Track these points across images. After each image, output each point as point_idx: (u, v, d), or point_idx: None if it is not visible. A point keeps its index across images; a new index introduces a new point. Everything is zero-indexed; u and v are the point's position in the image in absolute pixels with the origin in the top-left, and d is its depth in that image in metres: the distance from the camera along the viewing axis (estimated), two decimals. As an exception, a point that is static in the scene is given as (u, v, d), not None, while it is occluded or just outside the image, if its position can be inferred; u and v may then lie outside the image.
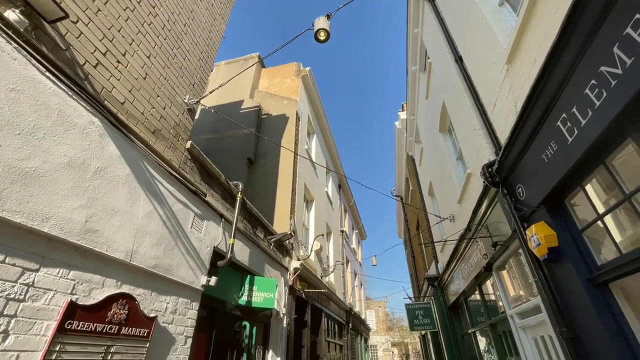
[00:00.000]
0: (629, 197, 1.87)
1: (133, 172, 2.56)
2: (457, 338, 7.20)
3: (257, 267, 4.73)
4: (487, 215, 3.99)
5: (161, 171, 2.91)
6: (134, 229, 2.49)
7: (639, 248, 1.86)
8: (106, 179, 2.31)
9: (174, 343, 2.81)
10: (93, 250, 2.13)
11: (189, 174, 3.36)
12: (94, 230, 2.16)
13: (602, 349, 2.14)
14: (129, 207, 2.48)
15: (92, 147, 2.23)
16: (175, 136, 3.23)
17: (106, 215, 2.27)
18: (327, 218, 10.62)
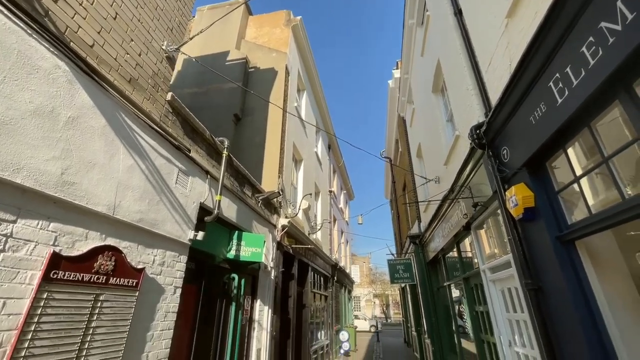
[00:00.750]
0: (606, 159, 1.91)
1: (109, 123, 2.43)
2: (433, 290, 7.79)
3: (244, 224, 4.81)
4: (470, 177, 4.07)
5: (140, 124, 2.78)
6: (114, 182, 2.43)
7: (607, 209, 1.95)
8: (80, 130, 2.19)
9: (163, 293, 2.92)
10: (72, 203, 2.08)
11: (171, 128, 3.22)
12: (72, 183, 2.09)
13: (559, 298, 2.35)
14: (108, 160, 2.40)
15: (61, 94, 2.07)
16: (154, 87, 3.03)
17: (83, 168, 2.19)
18: (316, 178, 10.68)
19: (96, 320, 2.19)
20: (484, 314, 4.43)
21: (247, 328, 4.88)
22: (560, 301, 2.35)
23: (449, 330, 6.92)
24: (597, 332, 2.09)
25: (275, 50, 8.08)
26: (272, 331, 5.49)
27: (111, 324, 2.29)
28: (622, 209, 1.75)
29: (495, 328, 3.89)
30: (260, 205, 5.51)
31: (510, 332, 3.62)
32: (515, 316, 3.46)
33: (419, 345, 9.97)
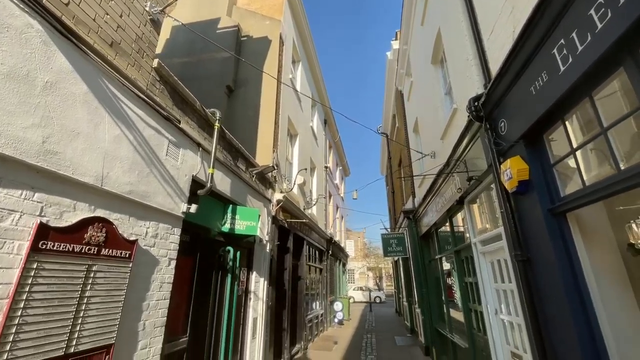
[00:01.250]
0: (605, 130, 1.87)
1: (92, 90, 2.31)
2: (424, 263, 8.01)
3: (239, 198, 4.79)
4: (466, 151, 4.04)
5: (126, 92, 2.65)
6: (101, 153, 2.35)
7: (602, 180, 1.94)
8: (60, 96, 2.07)
9: (158, 264, 2.94)
10: (57, 173, 2.02)
11: (159, 97, 3.09)
12: (55, 152, 2.01)
13: (547, 269, 2.40)
14: (93, 129, 2.30)
15: (36, 56, 1.94)
16: (139, 52, 2.86)
17: (66, 137, 2.10)
18: (312, 153, 10.59)
19: (90, 290, 2.20)
20: (473, 285, 4.58)
21: (243, 298, 5.01)
22: (547, 272, 2.40)
23: (438, 301, 7.20)
24: (581, 301, 2.15)
25: (268, 18, 7.68)
26: (267, 301, 5.65)
27: (106, 294, 2.31)
28: (617, 180, 1.74)
29: (483, 297, 4.03)
30: (255, 179, 5.47)
31: (497, 301, 3.75)
32: (502, 286, 3.57)
33: (410, 314, 10.43)
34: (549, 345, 2.42)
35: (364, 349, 8.23)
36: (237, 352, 4.70)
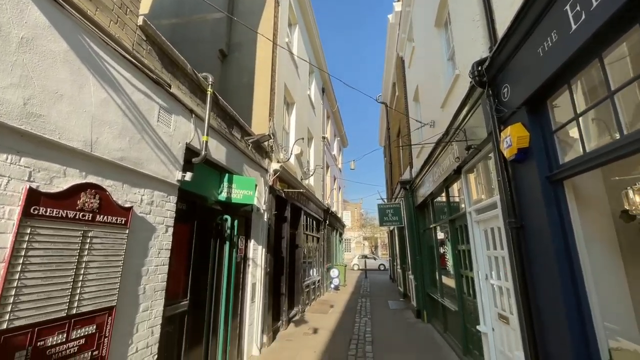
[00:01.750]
0: (612, 94, 1.80)
1: (72, 48, 2.16)
2: (419, 232, 8.19)
3: (235, 167, 4.74)
4: (466, 120, 3.96)
5: (110, 52, 2.49)
6: (88, 117, 2.26)
7: (604, 146, 1.90)
8: (38, 54, 1.94)
9: (155, 231, 2.95)
10: (42, 137, 1.94)
11: (147, 59, 2.92)
12: (38, 115, 1.92)
13: (540, 236, 2.44)
14: (77, 91, 2.19)
15: (7, 9, 1.78)
16: (121, 7, 2.65)
17: (49, 99, 2.00)
18: (309, 123, 10.39)
19: (87, 255, 2.21)
20: (466, 252, 4.71)
21: (242, 265, 5.14)
22: (539, 238, 2.44)
23: (431, 267, 7.46)
24: (570, 264, 2.21)
25: (262, -26, 7.13)
26: (266, 268, 5.82)
27: (104, 259, 2.33)
28: (620, 145, 1.70)
29: (474, 264, 4.16)
30: (251, 148, 5.38)
31: (488, 267, 3.87)
32: (494, 253, 3.67)
33: (403, 281, 10.86)
34: (535, 306, 2.52)
35: (358, 312, 8.65)
36: (237, 314, 4.91)
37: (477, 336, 4.26)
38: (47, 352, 1.93)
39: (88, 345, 2.19)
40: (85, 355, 2.17)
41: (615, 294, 2.25)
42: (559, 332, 2.22)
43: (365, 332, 6.63)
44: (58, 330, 2.00)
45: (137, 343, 2.66)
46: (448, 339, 5.78)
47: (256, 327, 5.34)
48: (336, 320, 7.72)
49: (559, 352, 2.23)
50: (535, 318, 2.50)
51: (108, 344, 2.33)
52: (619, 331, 2.15)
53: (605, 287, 2.19)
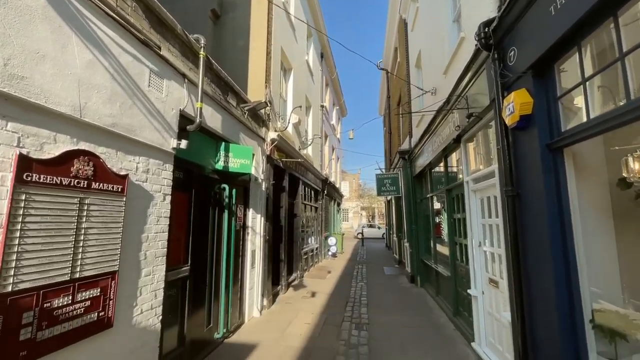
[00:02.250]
0: (623, 56, 1.72)
1: (51, 3, 2.01)
2: (416, 201, 8.30)
3: (231, 135, 4.66)
4: (469, 86, 3.84)
5: (92, 9, 2.32)
6: (74, 80, 2.16)
7: (606, 113, 1.86)
8: (15, 9, 1.80)
9: (152, 199, 2.95)
10: (28, 100, 1.86)
11: (133, 17, 2.74)
12: (21, 77, 1.83)
13: (535, 204, 2.46)
14: (60, 52, 2.06)
15: (-27, -44, 1.62)
16: (101, -42, 2.43)
17: (30, 59, 1.89)
18: (307, 91, 10.08)
19: (86, 222, 2.22)
20: (461, 221, 4.79)
21: (241, 233, 5.24)
22: (534, 206, 2.47)
23: (426, 235, 7.65)
24: (562, 233, 2.25)
25: None
26: (265, 236, 5.94)
27: (103, 226, 2.35)
28: (627, 110, 1.66)
29: (469, 232, 4.25)
30: (247, 116, 5.26)
31: (482, 235, 3.97)
32: (489, 221, 3.73)
33: (399, 248, 11.21)
34: (525, 271, 2.61)
35: (355, 277, 9.01)
36: (238, 279, 5.09)
37: (467, 299, 4.47)
38: (54, 313, 2.01)
39: (94, 306, 2.27)
40: (92, 315, 2.26)
41: (604, 260, 2.31)
42: (546, 294, 2.32)
43: (361, 296, 6.94)
44: (63, 293, 2.06)
45: (141, 305, 2.77)
46: (440, 302, 6.07)
47: (256, 291, 5.56)
48: (333, 285, 8.06)
49: (545, 313, 2.34)
50: (524, 281, 2.60)
51: (113, 306, 2.42)
52: (603, 295, 2.24)
53: (594, 253, 2.25)
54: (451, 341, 4.42)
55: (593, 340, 2.08)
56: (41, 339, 1.92)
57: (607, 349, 2.06)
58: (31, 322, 1.88)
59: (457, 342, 4.39)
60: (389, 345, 4.27)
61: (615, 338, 2.01)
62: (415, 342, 4.40)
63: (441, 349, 4.17)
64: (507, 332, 3.20)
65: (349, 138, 10.69)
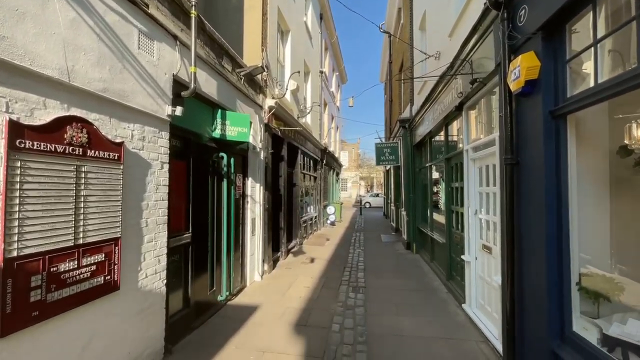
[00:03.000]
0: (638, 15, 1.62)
1: (25, -46, 1.84)
2: (415, 171, 8.32)
3: (228, 102, 4.53)
4: (474, 49, 3.67)
5: (71, -40, 2.14)
6: (58, 40, 2.04)
7: (615, 77, 1.79)
8: (-15, -39, 1.66)
9: (150, 167, 2.94)
10: (12, 62, 1.77)
11: (116, -29, 2.53)
12: (2, 37, 1.73)
13: (533, 171, 2.46)
14: (40, 9, 1.93)
15: None
16: None
17: (10, 17, 1.77)
18: (305, 55, 9.67)
19: (85, 189, 2.23)
20: (458, 189, 4.84)
21: (241, 201, 5.30)
22: (533, 174, 2.47)
23: (423, 204, 7.77)
24: (558, 201, 2.27)
25: None
26: (264, 204, 6.01)
27: (102, 194, 2.36)
28: (637, 73, 1.59)
29: (466, 200, 4.31)
30: (243, 82, 5.08)
31: (479, 203, 4.02)
32: (486, 189, 3.76)
33: (396, 217, 11.43)
34: (518, 236, 2.67)
35: (352, 244, 9.29)
36: (239, 246, 5.24)
37: (460, 264, 4.64)
38: (62, 277, 2.08)
39: (100, 271, 2.35)
40: (99, 279, 2.34)
41: (596, 228, 2.36)
42: (537, 258, 2.40)
43: (358, 262, 7.20)
44: (68, 258, 2.12)
45: (145, 270, 2.86)
46: (434, 267, 6.31)
47: (257, 257, 5.75)
48: (332, 251, 8.32)
49: (534, 275, 2.44)
50: (517, 246, 2.68)
51: (118, 270, 2.51)
52: (592, 260, 2.31)
53: (587, 221, 2.29)
54: (443, 303, 4.66)
55: (578, 301, 2.19)
56: (51, 300, 2.01)
57: (590, 309, 2.18)
58: (40, 285, 1.95)
59: (449, 303, 4.62)
60: (384, 307, 4.50)
61: (599, 299, 2.11)
62: (409, 303, 4.63)
63: (433, 309, 4.40)
64: (496, 295, 3.36)
65: (349, 106, 10.45)
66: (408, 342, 3.48)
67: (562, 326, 2.21)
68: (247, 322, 3.99)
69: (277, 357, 3.21)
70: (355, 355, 3.24)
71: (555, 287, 2.26)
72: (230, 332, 3.73)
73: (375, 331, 3.74)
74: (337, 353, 3.28)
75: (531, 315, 2.50)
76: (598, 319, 2.07)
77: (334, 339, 3.58)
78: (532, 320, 2.49)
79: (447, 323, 3.96)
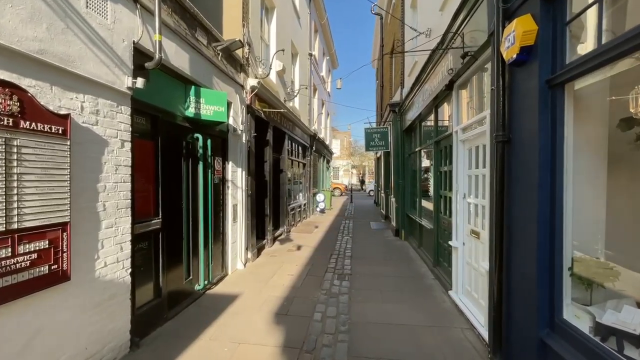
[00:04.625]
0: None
1: None
2: (404, 156, 8.12)
3: (203, 79, 4.19)
4: (466, 21, 3.42)
5: None
6: (-26, -12, 1.71)
7: (619, 36, 1.57)
8: None
9: (107, 145, 2.64)
10: None
11: None
12: None
13: (526, 149, 2.26)
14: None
15: None
16: None
17: None
18: (293, 35, 9.23)
19: (19, 167, 1.93)
20: (447, 173, 4.66)
21: (221, 187, 5.02)
22: (525, 151, 2.27)
23: (412, 190, 7.62)
24: (552, 181, 2.08)
25: None
26: (247, 190, 5.75)
27: (42, 172, 2.06)
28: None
29: (454, 184, 4.13)
30: (221, 58, 4.72)
31: (467, 186, 3.84)
32: (475, 172, 3.58)
33: (385, 204, 11.31)
34: (508, 220, 2.50)
35: (341, 232, 9.14)
36: (220, 233, 4.99)
37: (448, 250, 4.51)
38: (-7, 266, 1.81)
39: (43, 259, 2.08)
40: (43, 269, 2.07)
41: (591, 207, 2.19)
42: (527, 242, 2.22)
43: (346, 249, 7.05)
44: (0, 245, 1.85)
45: (104, 258, 2.60)
46: (421, 253, 6.21)
47: (240, 244, 5.52)
48: (319, 239, 8.16)
49: (523, 260, 2.27)
50: (506, 231, 2.50)
51: (68, 258, 2.24)
52: (586, 243, 2.14)
53: (583, 200, 2.11)
54: (429, 289, 4.54)
55: (569, 287, 2.03)
56: (-22, 292, 1.74)
57: (581, 295, 2.02)
58: (-39, 275, 1.68)
59: (435, 290, 4.51)
60: (369, 294, 4.36)
61: (592, 285, 1.95)
62: (395, 290, 4.50)
63: (419, 296, 4.28)
64: (483, 281, 3.22)
65: (337, 88, 10.09)
66: (391, 331, 3.33)
67: (552, 314, 2.06)
68: (224, 312, 3.80)
69: (253, 348, 3.02)
70: (336, 345, 3.08)
71: (545, 272, 2.09)
72: (206, 322, 3.53)
73: (358, 319, 3.59)
74: (317, 343, 3.11)
75: (519, 302, 2.34)
76: (591, 306, 1.92)
77: (315, 328, 3.42)
78: (520, 307, 2.34)
79: (433, 310, 3.83)
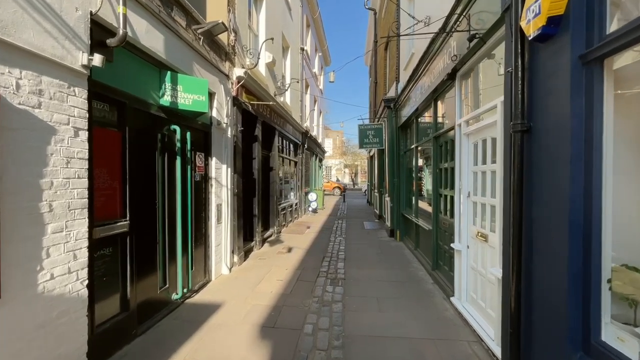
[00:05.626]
0: None
1: None
2: (399, 154, 7.80)
3: (180, 64, 3.76)
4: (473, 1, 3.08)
5: None
6: None
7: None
8: None
9: (55, 133, 2.20)
10: None
11: None
12: None
13: (552, 139, 1.91)
14: None
15: None
16: None
17: None
18: (284, 27, 8.81)
19: None
20: (448, 170, 4.33)
21: (203, 185, 4.59)
22: (552, 141, 1.93)
23: (408, 188, 7.30)
24: (587, 174, 1.74)
25: None
26: (233, 189, 5.33)
27: (-42, 163, 1.63)
28: None
29: (457, 182, 3.79)
30: (203, 43, 4.29)
31: (472, 184, 3.51)
32: (482, 168, 3.24)
33: (379, 203, 10.99)
34: (526, 222, 2.16)
35: (334, 232, 8.77)
36: (202, 235, 4.57)
37: (448, 253, 4.18)
38: None
39: (-41, 273, 1.64)
40: (-42, 285, 1.64)
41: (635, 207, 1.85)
42: (554, 248, 1.88)
43: (339, 251, 6.68)
44: None
45: (50, 269, 2.16)
46: (418, 255, 5.88)
47: (224, 247, 5.09)
48: (311, 240, 7.77)
49: (549, 269, 1.94)
50: (525, 234, 2.16)
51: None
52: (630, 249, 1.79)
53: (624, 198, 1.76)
54: (429, 295, 4.21)
55: (609, 303, 1.69)
56: None
57: (623, 312, 1.69)
58: None
59: (435, 295, 4.18)
60: (364, 301, 3.99)
61: (638, 302, 1.62)
62: (392, 296, 4.15)
63: (418, 303, 3.94)
64: (492, 289, 2.89)
65: (330, 81, 9.72)
66: (390, 345, 2.97)
67: (587, 334, 1.72)
68: (204, 325, 3.38)
69: (233, 370, 2.62)
70: (329, 364, 2.70)
71: (578, 284, 1.75)
72: (182, 338, 3.11)
73: (353, 332, 3.22)
74: (307, 362, 2.73)
75: (543, 318, 2.01)
76: (638, 328, 1.59)
77: (305, 343, 3.03)
78: (544, 323, 2.00)
79: (435, 319, 3.49)
